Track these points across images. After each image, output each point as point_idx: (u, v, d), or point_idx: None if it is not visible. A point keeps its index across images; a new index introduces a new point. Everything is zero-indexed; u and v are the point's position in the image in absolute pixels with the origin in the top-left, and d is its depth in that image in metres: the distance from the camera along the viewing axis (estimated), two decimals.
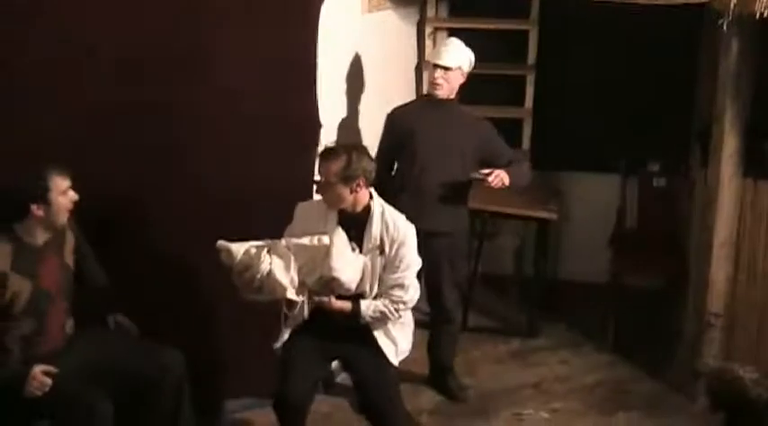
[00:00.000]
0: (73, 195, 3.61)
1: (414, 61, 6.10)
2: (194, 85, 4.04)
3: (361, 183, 3.80)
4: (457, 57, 4.68)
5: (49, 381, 3.46)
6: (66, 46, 3.91)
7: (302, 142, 4.33)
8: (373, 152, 4.22)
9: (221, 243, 3.72)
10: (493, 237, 6.07)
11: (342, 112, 4.70)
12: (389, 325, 3.96)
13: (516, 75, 6.25)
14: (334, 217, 3.87)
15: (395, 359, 4.00)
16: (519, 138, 6.22)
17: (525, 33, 6.16)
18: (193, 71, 4.08)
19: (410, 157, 4.65)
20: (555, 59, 6.19)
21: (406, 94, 5.49)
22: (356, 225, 3.87)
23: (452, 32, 6.16)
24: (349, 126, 4.80)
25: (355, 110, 4.98)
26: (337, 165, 3.75)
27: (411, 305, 3.99)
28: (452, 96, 4.71)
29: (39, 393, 3.44)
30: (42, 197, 3.52)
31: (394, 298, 3.88)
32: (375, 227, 3.87)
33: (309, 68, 4.26)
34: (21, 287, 3.54)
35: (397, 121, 4.70)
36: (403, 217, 3.95)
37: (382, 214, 3.90)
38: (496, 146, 4.76)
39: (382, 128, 4.71)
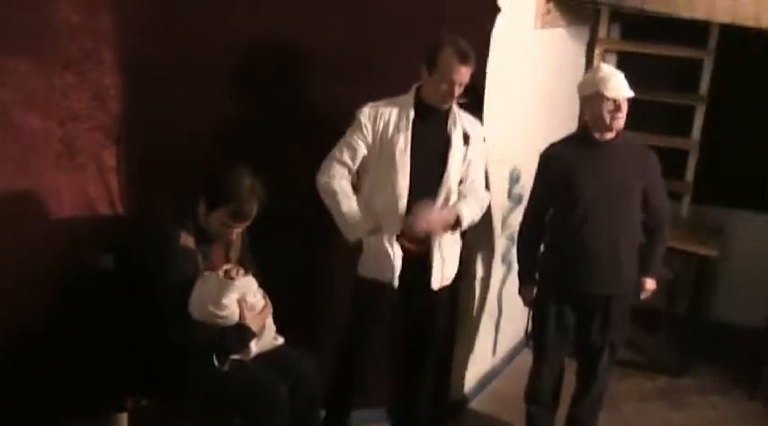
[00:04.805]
0: (236, 233, 3.62)
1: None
2: (357, 93, 4.03)
3: None
4: None
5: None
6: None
7: None
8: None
9: None
10: None
11: (508, 129, 4.61)
12: (444, 244, 4.00)
13: (685, 104, 6.05)
14: (410, 113, 3.89)
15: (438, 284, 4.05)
16: (683, 170, 6.05)
17: (699, 62, 5.95)
18: (356, 80, 4.09)
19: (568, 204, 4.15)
20: (728, 91, 5.96)
21: (570, 115, 5.36)
22: (437, 120, 3.90)
23: (623, 56, 6.04)
24: (514, 143, 4.72)
25: (522, 128, 4.89)
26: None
27: None
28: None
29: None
30: (209, 205, 3.53)
31: (479, 195, 4.05)
32: (458, 118, 3.94)
33: (478, 85, 4.20)
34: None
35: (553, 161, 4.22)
36: None
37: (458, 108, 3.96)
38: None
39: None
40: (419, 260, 3.99)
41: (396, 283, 3.94)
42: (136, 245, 3.78)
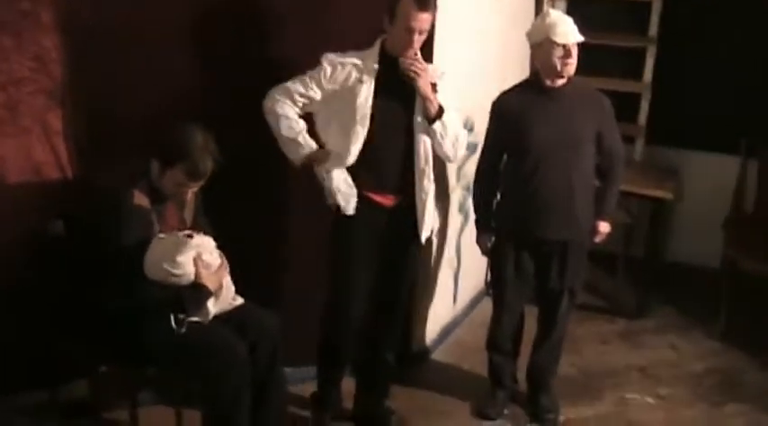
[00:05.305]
0: (191, 192, 3.57)
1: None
2: (311, 42, 3.98)
3: None
4: None
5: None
6: None
7: None
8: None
9: None
10: None
11: (459, 78, 4.57)
12: (431, 199, 3.99)
13: (636, 47, 6.05)
14: (374, 65, 3.82)
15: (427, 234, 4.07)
16: (635, 113, 6.08)
17: (647, 4, 5.96)
18: (307, 27, 4.03)
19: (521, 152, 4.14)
20: (677, 32, 6.00)
21: (521, 63, 5.34)
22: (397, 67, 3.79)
23: (572, 0, 6.01)
24: (467, 93, 4.67)
25: (473, 77, 4.85)
26: None
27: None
28: None
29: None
30: (163, 164, 3.48)
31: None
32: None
33: (428, 36, 4.14)
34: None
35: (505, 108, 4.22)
36: None
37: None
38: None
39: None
40: (399, 213, 3.97)
41: (351, 211, 3.89)
42: (87, 208, 3.72)
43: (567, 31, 3.92)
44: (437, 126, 3.84)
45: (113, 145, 3.90)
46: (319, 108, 3.88)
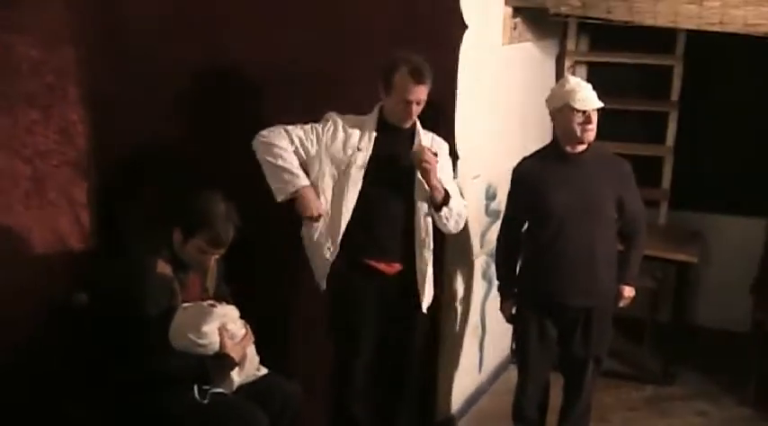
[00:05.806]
0: (213, 260, 3.60)
1: None
2: (330, 103, 4.03)
3: None
4: None
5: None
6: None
7: None
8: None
9: None
10: None
11: (480, 146, 4.59)
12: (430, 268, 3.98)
13: (658, 111, 6.06)
14: (372, 132, 3.88)
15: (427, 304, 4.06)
16: (658, 177, 6.06)
17: (669, 69, 5.97)
18: (329, 90, 4.09)
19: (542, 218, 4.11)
20: (699, 96, 5.99)
21: (542, 129, 5.37)
22: (400, 139, 3.87)
23: (593, 66, 6.04)
24: (488, 160, 4.69)
25: (495, 144, 4.87)
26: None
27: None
28: None
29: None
30: (185, 233, 3.50)
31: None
32: (422, 135, 3.93)
33: (449, 96, 4.18)
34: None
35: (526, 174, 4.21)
36: None
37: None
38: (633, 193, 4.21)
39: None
40: (400, 282, 3.97)
41: (323, 286, 3.96)
42: (111, 278, 3.73)
43: (587, 98, 3.94)
44: (444, 211, 3.88)
45: (136, 214, 3.93)
46: (308, 165, 3.86)
